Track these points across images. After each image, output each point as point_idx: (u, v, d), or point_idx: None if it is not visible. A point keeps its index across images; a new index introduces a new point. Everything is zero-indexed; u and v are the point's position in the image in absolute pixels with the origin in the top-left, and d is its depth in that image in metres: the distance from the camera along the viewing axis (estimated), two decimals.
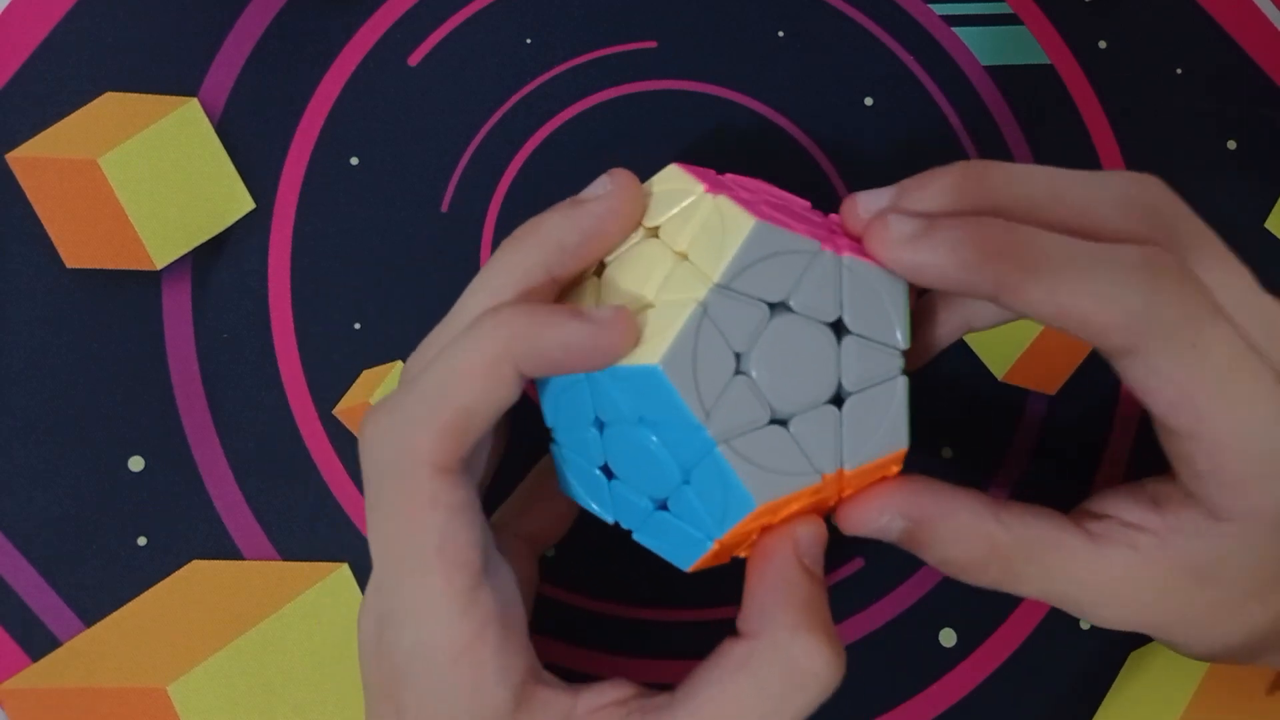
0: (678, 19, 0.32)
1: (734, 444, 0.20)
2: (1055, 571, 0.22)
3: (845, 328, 0.21)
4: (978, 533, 0.22)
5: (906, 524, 0.22)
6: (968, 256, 0.20)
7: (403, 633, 0.20)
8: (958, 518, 0.22)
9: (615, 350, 0.20)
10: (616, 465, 0.22)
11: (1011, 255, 0.20)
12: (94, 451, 0.29)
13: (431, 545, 0.20)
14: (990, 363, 0.30)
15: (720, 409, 0.20)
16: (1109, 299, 0.19)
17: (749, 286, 0.20)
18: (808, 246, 0.21)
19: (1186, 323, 0.20)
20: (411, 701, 0.21)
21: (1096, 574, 0.21)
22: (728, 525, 0.21)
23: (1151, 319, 0.19)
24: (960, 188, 0.21)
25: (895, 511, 0.22)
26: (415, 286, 0.30)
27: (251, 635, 0.27)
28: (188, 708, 0.27)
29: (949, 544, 0.22)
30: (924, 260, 0.20)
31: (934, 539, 0.22)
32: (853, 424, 0.21)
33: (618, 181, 0.22)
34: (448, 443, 0.20)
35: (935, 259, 0.20)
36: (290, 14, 0.31)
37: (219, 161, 0.30)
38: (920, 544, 0.22)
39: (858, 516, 0.22)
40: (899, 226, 0.20)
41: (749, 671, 0.20)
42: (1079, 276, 0.20)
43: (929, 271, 0.20)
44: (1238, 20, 0.33)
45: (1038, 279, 0.19)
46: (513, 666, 0.21)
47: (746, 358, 0.20)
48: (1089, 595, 0.22)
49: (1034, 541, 0.22)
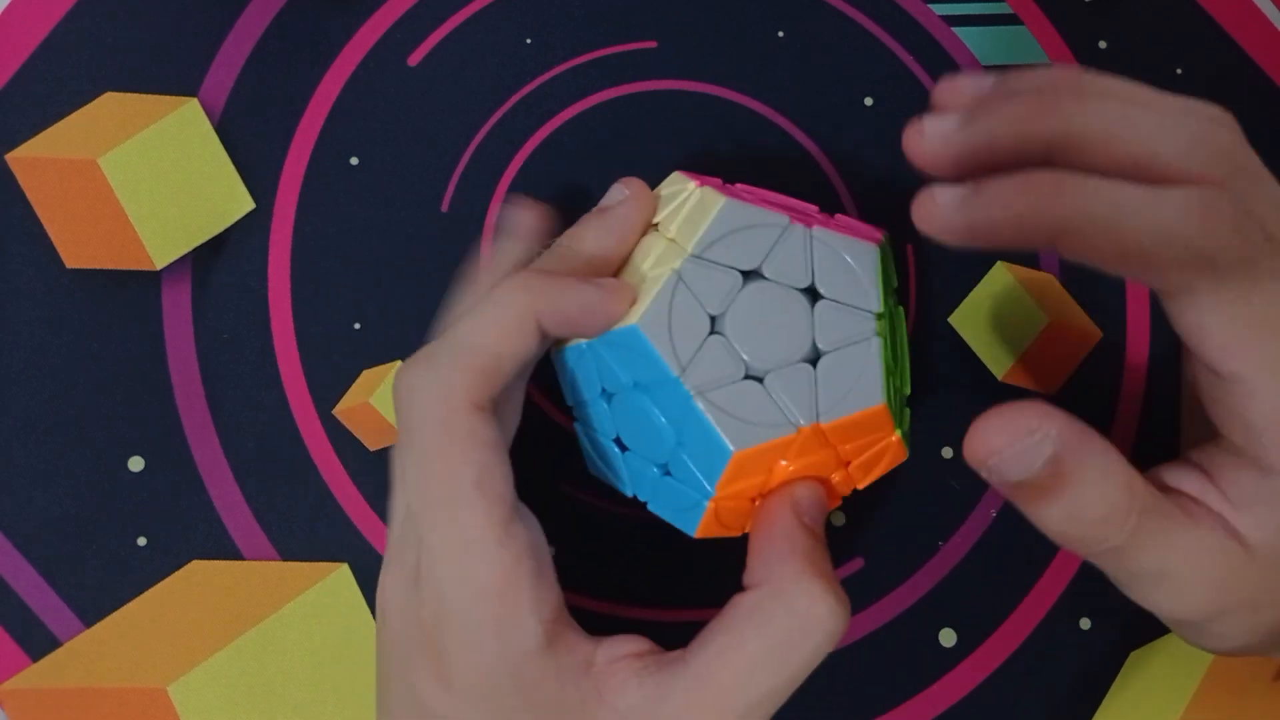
0: (678, 19, 0.32)
1: (710, 396, 0.22)
2: (1175, 542, 0.20)
3: (819, 293, 0.23)
4: (1126, 481, 0.20)
5: (1057, 449, 0.19)
6: (1020, 211, 0.20)
7: (444, 569, 0.21)
8: (1111, 457, 0.20)
9: (616, 311, 0.22)
10: (625, 434, 0.24)
11: (1065, 205, 0.19)
12: (94, 451, 0.29)
13: (470, 479, 0.21)
14: (990, 363, 0.30)
15: (696, 365, 0.22)
16: (1163, 239, 0.19)
17: (721, 256, 0.23)
18: (777, 221, 0.23)
19: (1241, 264, 0.19)
20: (452, 642, 0.21)
21: (1190, 552, 0.20)
22: (715, 478, 0.22)
23: (1207, 257, 0.19)
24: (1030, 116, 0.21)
25: (1049, 430, 0.19)
26: (415, 286, 0.30)
27: (251, 635, 0.27)
28: (188, 708, 0.27)
29: (1096, 484, 0.19)
30: (977, 220, 0.20)
31: (1082, 476, 0.19)
32: (827, 380, 0.23)
33: (634, 188, 0.25)
34: (482, 383, 0.21)
35: (989, 218, 0.20)
36: (290, 14, 0.31)
37: (219, 161, 0.30)
38: (1061, 482, 0.19)
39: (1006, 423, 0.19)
40: (945, 195, 0.21)
41: (756, 620, 0.21)
42: (1134, 217, 0.19)
43: (982, 231, 0.20)
44: (1238, 20, 0.33)
45: (1092, 224, 0.19)
46: (545, 601, 0.21)
47: (721, 320, 0.23)
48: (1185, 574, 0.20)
49: (1162, 505, 0.20)
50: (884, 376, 0.23)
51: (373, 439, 0.29)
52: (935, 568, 0.29)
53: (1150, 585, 0.21)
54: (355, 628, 0.28)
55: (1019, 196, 0.20)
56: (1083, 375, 0.30)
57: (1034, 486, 0.20)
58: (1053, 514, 0.20)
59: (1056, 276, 0.31)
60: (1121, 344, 0.31)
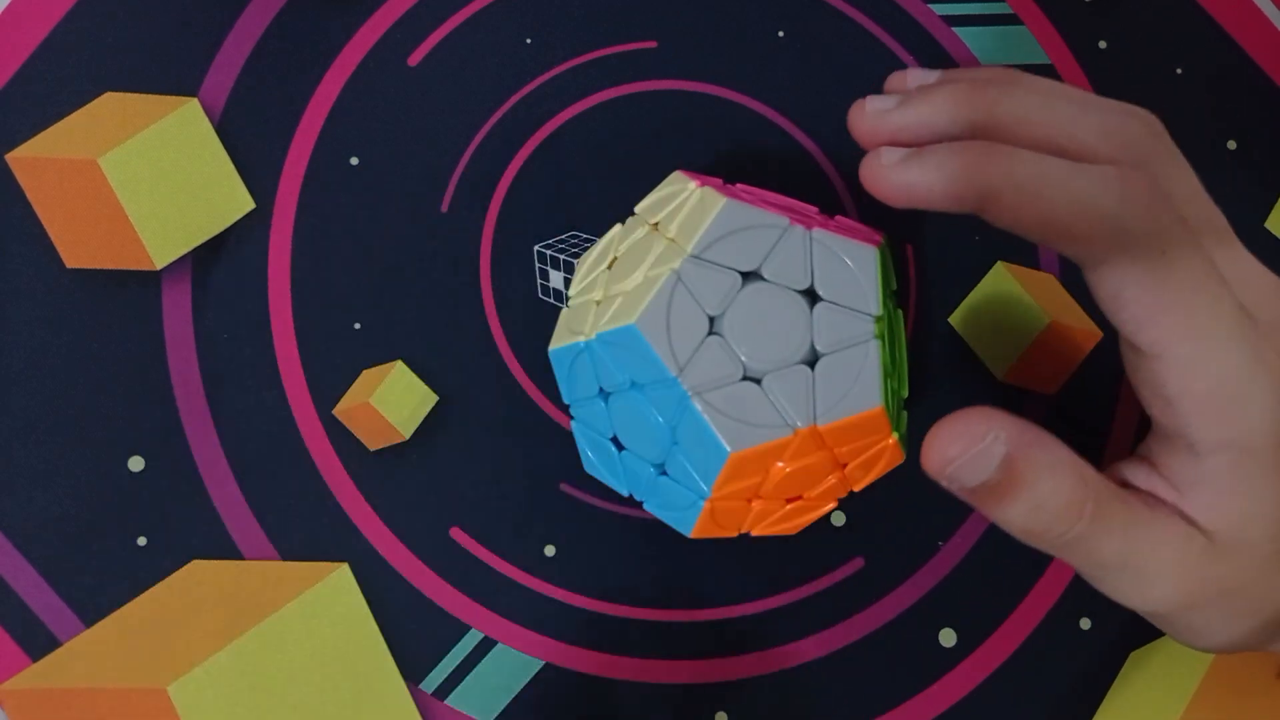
0: (678, 19, 0.32)
1: (707, 396, 0.22)
2: (1135, 532, 0.21)
3: (818, 295, 0.23)
4: (1077, 472, 0.20)
5: (1008, 449, 0.20)
6: (952, 171, 0.21)
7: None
8: (1059, 451, 0.20)
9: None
10: (622, 434, 0.24)
11: (994, 169, 0.21)
12: (94, 451, 0.29)
13: None
14: (990, 363, 0.30)
15: (694, 365, 0.22)
16: (1081, 208, 0.20)
17: (720, 256, 0.23)
18: (777, 222, 0.23)
19: (1156, 237, 0.20)
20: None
21: (1152, 542, 0.21)
22: (712, 479, 0.22)
23: (1122, 229, 0.20)
24: (959, 100, 0.23)
25: (1000, 431, 0.20)
26: (415, 286, 0.30)
27: (251, 635, 0.27)
28: (188, 708, 0.27)
29: (1049, 478, 0.20)
30: (913, 179, 0.21)
31: (1035, 472, 0.20)
32: (825, 383, 0.23)
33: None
34: None
35: (924, 177, 0.21)
36: (290, 14, 0.31)
37: (219, 161, 0.30)
38: (1016, 480, 0.20)
39: (956, 433, 0.20)
40: (889, 155, 0.22)
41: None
42: (1055, 186, 0.20)
43: (919, 189, 0.21)
44: (1238, 20, 0.33)
45: (1017, 190, 0.20)
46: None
47: (720, 320, 0.23)
48: (1149, 564, 0.21)
49: (1119, 494, 0.21)
50: (882, 379, 0.23)
51: (373, 439, 0.29)
52: (935, 568, 0.29)
53: (1118, 577, 0.21)
54: (355, 628, 0.28)
55: (952, 157, 0.21)
56: (1083, 375, 0.30)
57: (991, 488, 0.20)
58: (1012, 512, 0.21)
59: (1056, 276, 0.31)
60: None
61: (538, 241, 0.30)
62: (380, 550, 0.28)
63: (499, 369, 0.30)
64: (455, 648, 0.28)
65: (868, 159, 0.22)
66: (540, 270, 0.30)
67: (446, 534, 0.29)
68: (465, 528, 0.29)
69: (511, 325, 0.30)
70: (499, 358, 0.30)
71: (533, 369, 0.30)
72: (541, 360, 0.30)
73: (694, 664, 0.28)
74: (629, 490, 0.25)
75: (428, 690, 0.28)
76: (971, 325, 0.30)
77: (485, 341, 0.30)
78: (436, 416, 0.29)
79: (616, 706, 0.28)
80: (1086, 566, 0.21)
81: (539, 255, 0.30)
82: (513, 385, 0.30)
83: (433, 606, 0.28)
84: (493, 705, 0.28)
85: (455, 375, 0.30)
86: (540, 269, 0.30)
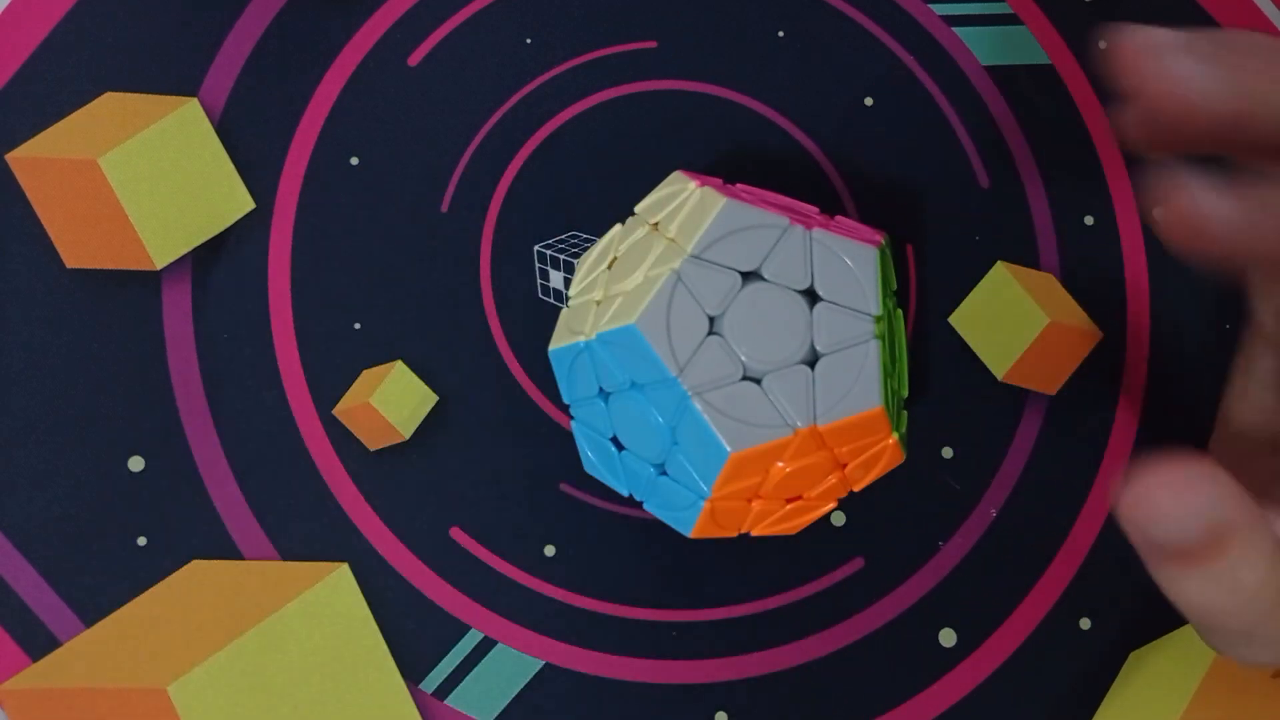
0: (678, 19, 0.32)
1: (707, 396, 0.22)
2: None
3: (818, 295, 0.23)
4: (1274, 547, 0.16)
5: (1221, 519, 0.16)
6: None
7: None
8: (1266, 527, 0.16)
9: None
10: (621, 434, 0.24)
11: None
12: (94, 451, 0.29)
13: None
14: (990, 363, 0.30)
15: (694, 365, 0.22)
16: None
17: (720, 256, 0.23)
18: (777, 222, 0.23)
19: None
20: None
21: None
22: (712, 479, 0.22)
23: None
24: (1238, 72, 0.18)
25: (1216, 497, 0.16)
26: (415, 286, 0.30)
27: (251, 635, 0.27)
28: (188, 708, 0.26)
29: (1255, 563, 0.16)
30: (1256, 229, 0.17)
31: (1243, 551, 0.16)
32: (825, 383, 0.23)
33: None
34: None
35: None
36: (290, 14, 0.31)
37: (219, 161, 0.30)
38: (1216, 551, 0.16)
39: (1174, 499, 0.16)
40: (1207, 200, 0.17)
41: None
42: None
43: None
44: (1238, 20, 0.33)
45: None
46: None
47: (720, 320, 0.23)
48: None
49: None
50: (882, 379, 0.23)
51: (373, 439, 0.29)
52: (935, 568, 0.29)
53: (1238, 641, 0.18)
54: (355, 628, 0.28)
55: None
56: (1083, 375, 0.30)
57: (1181, 551, 0.16)
58: (1193, 584, 0.17)
59: (1056, 276, 0.31)
60: (1121, 344, 0.31)
61: (538, 241, 0.30)
62: (380, 550, 0.28)
63: (499, 369, 0.30)
64: (455, 648, 0.28)
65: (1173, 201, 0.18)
66: (540, 270, 0.30)
67: (446, 534, 0.29)
68: (465, 528, 0.29)
69: (511, 325, 0.30)
70: (499, 358, 0.30)
71: (533, 369, 0.30)
72: (541, 360, 0.30)
73: (694, 664, 0.28)
74: (629, 490, 0.25)
75: (428, 690, 0.28)
76: (971, 325, 0.30)
77: (485, 341, 0.30)
78: (436, 416, 0.29)
79: (616, 706, 0.28)
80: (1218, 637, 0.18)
81: (539, 255, 0.30)
82: (513, 385, 0.30)
83: (433, 606, 0.28)
84: (493, 705, 0.28)
85: (455, 375, 0.30)
86: (540, 269, 0.30)
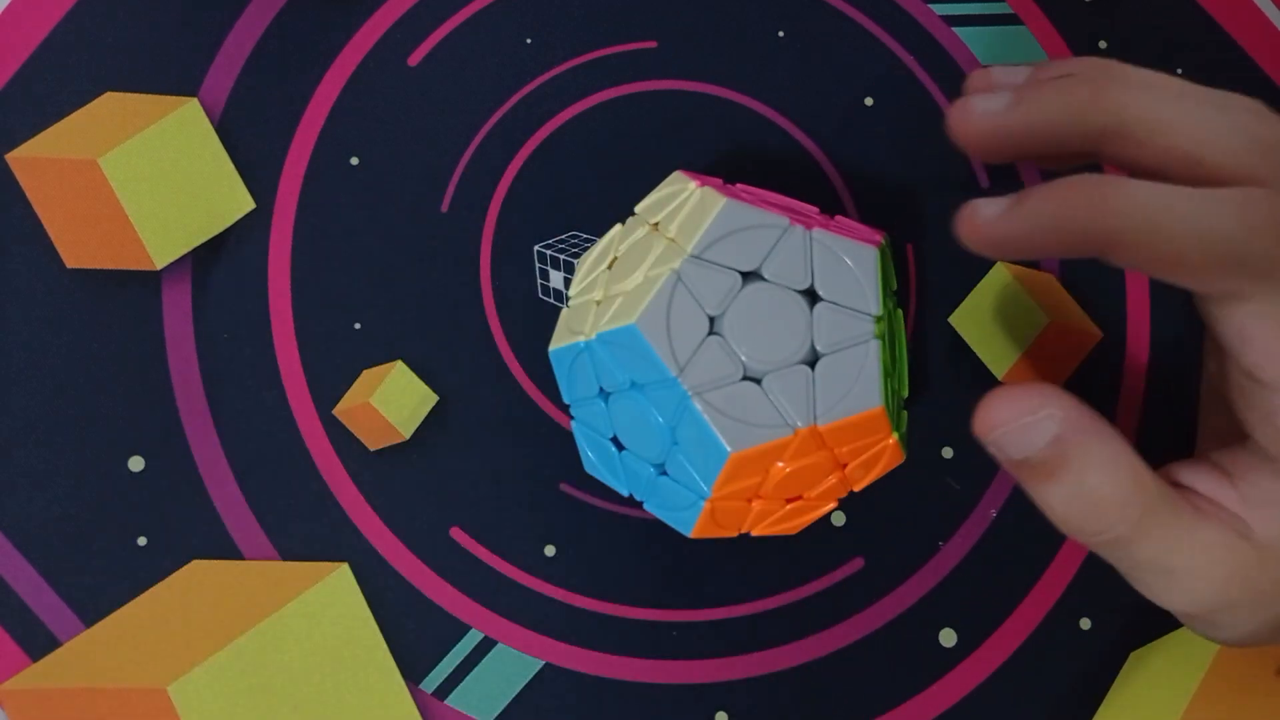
0: (678, 19, 0.32)
1: (707, 396, 0.22)
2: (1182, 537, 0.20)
3: (818, 295, 0.23)
4: (1133, 473, 0.20)
5: (1060, 430, 0.19)
6: (1066, 222, 0.19)
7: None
8: (1117, 446, 0.20)
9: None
10: (621, 433, 0.24)
11: (1111, 214, 0.19)
12: (94, 451, 0.29)
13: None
14: (990, 363, 0.30)
15: (694, 365, 0.22)
16: (1210, 245, 0.19)
17: (721, 256, 0.23)
18: (777, 222, 0.23)
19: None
20: None
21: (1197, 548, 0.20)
22: (712, 479, 0.22)
23: (1253, 263, 0.19)
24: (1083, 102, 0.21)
25: (1056, 410, 0.20)
26: (415, 286, 0.30)
27: (251, 635, 0.27)
28: (188, 708, 0.26)
29: (1100, 468, 0.19)
30: (1019, 232, 0.20)
31: (1086, 461, 0.20)
32: (825, 383, 0.23)
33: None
34: None
35: (1031, 226, 0.20)
36: (290, 14, 0.31)
37: (219, 161, 0.30)
38: (1064, 463, 0.20)
39: (1009, 400, 0.20)
40: (988, 208, 0.20)
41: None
42: (1181, 222, 0.19)
43: (1023, 242, 0.20)
44: (1238, 20, 0.33)
45: (1138, 231, 0.19)
46: None
47: (720, 320, 0.23)
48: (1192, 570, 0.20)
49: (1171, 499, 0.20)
50: (882, 379, 0.23)
51: (373, 439, 0.29)
52: (935, 568, 0.29)
53: (1156, 579, 0.21)
54: (355, 628, 0.28)
55: (1062, 209, 0.19)
56: (1083, 375, 0.30)
57: (1037, 465, 0.20)
58: (1054, 496, 0.20)
59: (1056, 276, 0.31)
60: (1121, 344, 0.31)
61: (538, 241, 0.30)
62: (380, 550, 0.28)
63: (499, 369, 0.30)
64: (455, 648, 0.28)
65: (964, 213, 0.21)
66: (540, 270, 0.30)
67: (446, 534, 0.29)
68: (465, 528, 0.29)
69: (511, 325, 0.30)
70: (499, 358, 0.30)
71: (533, 369, 0.30)
72: (541, 360, 0.30)
73: (694, 664, 0.28)
74: (629, 490, 0.25)
75: (428, 690, 0.28)
76: (971, 325, 0.30)
77: (485, 341, 0.30)
78: (436, 416, 0.29)
79: (616, 706, 0.28)
80: (1124, 566, 0.21)
81: (539, 255, 0.30)
82: (513, 385, 0.30)
83: (433, 606, 0.28)
84: (493, 705, 0.28)
85: (455, 375, 0.30)
86: (540, 269, 0.30)
